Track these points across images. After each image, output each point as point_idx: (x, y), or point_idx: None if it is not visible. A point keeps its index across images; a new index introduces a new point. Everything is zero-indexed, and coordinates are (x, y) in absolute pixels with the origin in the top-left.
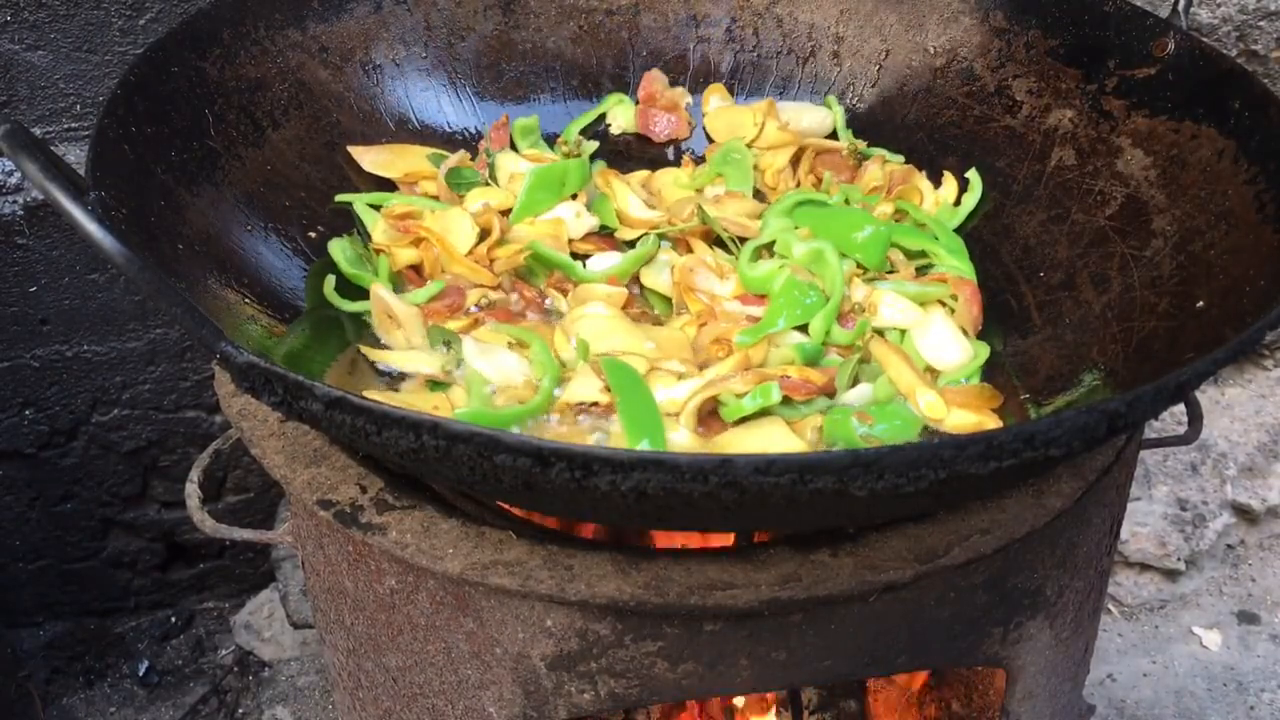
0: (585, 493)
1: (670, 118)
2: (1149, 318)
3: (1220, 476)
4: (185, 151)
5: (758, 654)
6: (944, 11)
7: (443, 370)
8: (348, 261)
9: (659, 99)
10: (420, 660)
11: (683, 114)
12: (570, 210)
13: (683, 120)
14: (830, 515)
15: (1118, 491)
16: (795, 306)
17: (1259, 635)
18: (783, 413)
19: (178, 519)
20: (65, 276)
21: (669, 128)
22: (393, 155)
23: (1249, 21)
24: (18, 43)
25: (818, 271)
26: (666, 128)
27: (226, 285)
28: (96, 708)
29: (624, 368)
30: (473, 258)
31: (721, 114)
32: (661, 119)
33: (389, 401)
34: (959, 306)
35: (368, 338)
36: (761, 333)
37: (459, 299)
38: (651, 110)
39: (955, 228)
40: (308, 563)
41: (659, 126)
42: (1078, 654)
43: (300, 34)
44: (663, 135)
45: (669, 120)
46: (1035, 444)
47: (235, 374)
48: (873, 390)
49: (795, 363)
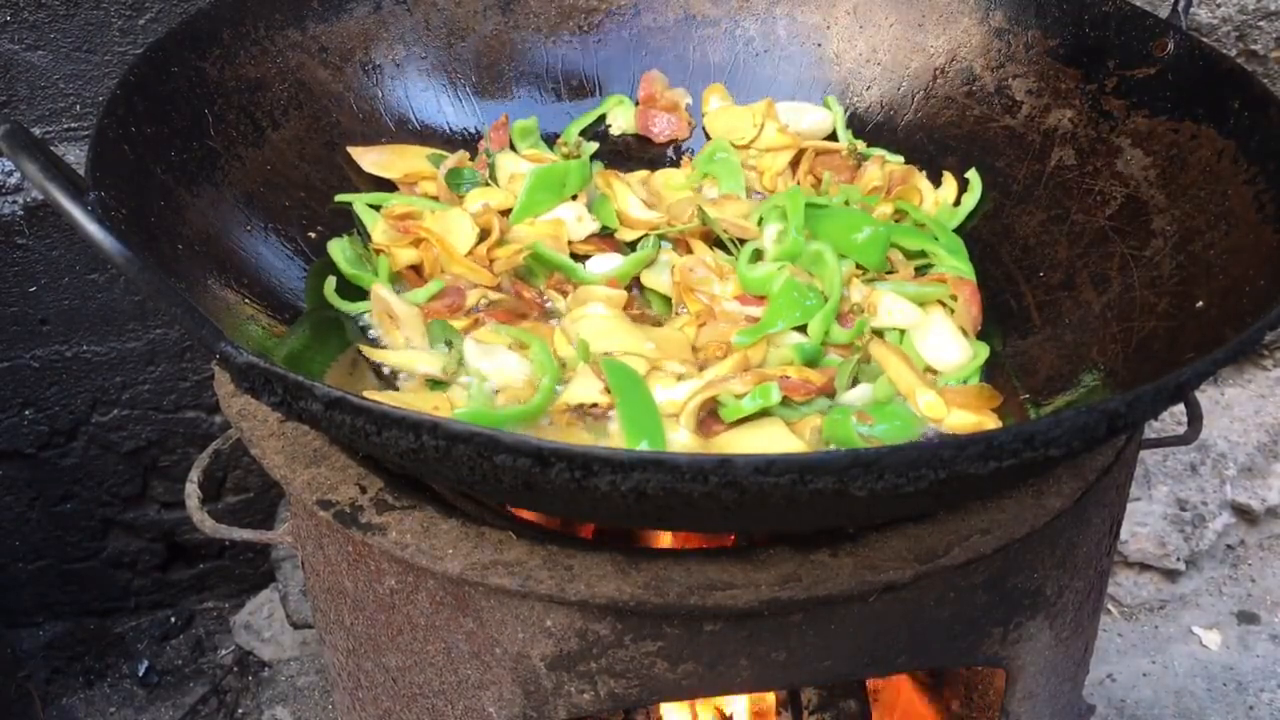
0: (585, 493)
1: (670, 118)
2: (1149, 318)
3: (1220, 477)
4: (185, 151)
5: (758, 654)
6: (944, 11)
7: (444, 370)
8: (347, 262)
9: (659, 99)
10: (420, 660)
11: (683, 114)
12: (571, 212)
13: (683, 120)
14: (830, 515)
15: (1118, 491)
16: (794, 308)
17: (1259, 635)
18: (782, 413)
19: (178, 519)
20: (65, 276)
21: (669, 128)
22: (393, 156)
23: (1249, 21)
24: (18, 43)
25: (817, 272)
26: (667, 128)
27: (226, 285)
28: (96, 708)
29: (624, 368)
30: (472, 258)
31: (721, 114)
32: (661, 119)
33: (389, 401)
34: (958, 307)
35: (368, 338)
36: (760, 333)
37: (459, 299)
38: (651, 111)
39: (955, 228)
40: (307, 563)
41: (659, 127)
42: (1077, 654)
43: (300, 34)
44: (663, 136)
45: (669, 121)
46: (1035, 444)
47: (235, 374)
48: (873, 390)
49: (794, 363)
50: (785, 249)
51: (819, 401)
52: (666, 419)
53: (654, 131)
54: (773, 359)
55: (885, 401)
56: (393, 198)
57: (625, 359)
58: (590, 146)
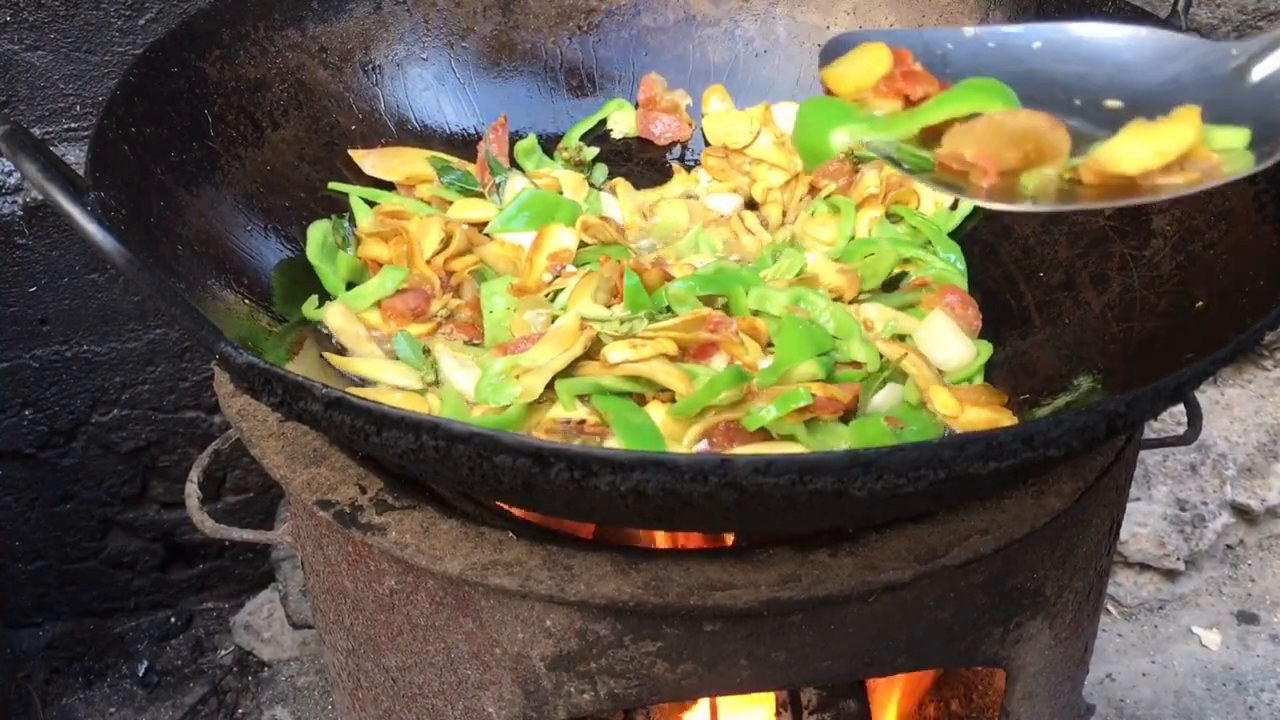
0: (585, 493)
1: (671, 120)
2: (1149, 318)
3: (1220, 477)
4: (185, 152)
5: (758, 654)
6: (944, 11)
7: (422, 380)
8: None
9: (659, 102)
10: (420, 660)
11: (683, 116)
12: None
13: (683, 122)
14: (830, 516)
15: (1117, 491)
16: (806, 339)
17: (1258, 635)
18: (805, 440)
19: (177, 519)
20: (65, 277)
21: (670, 130)
22: (393, 159)
23: (1249, 21)
24: (18, 43)
25: (807, 307)
26: (668, 130)
27: (226, 285)
28: (96, 708)
29: (619, 401)
30: (432, 266)
31: (719, 118)
32: (662, 122)
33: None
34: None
35: (334, 344)
36: (780, 370)
37: (424, 304)
38: (652, 114)
39: (955, 227)
40: (307, 563)
41: (660, 129)
42: (1077, 654)
43: (300, 34)
44: (664, 138)
45: (670, 123)
46: (1035, 444)
47: (234, 374)
48: (902, 393)
49: (818, 379)
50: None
51: (836, 426)
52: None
53: (655, 134)
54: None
55: (916, 406)
56: (389, 196)
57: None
58: (591, 152)
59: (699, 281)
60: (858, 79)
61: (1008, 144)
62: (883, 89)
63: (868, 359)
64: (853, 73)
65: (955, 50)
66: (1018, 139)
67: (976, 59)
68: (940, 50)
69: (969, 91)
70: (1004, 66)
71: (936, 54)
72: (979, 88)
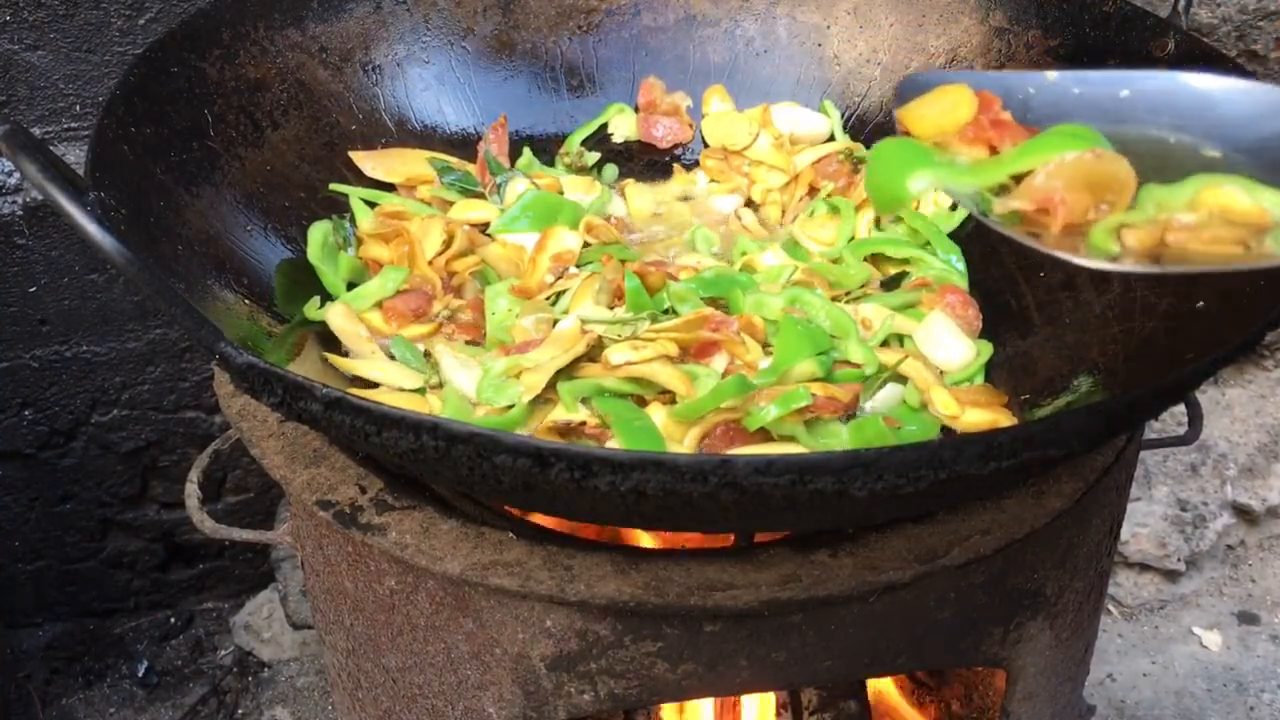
0: (585, 493)
1: (672, 123)
2: (1149, 318)
3: (1220, 477)
4: (185, 152)
5: (758, 654)
6: (944, 11)
7: (425, 382)
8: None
9: (659, 105)
10: (420, 661)
11: (684, 118)
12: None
13: (684, 124)
14: (830, 516)
15: (1118, 492)
16: (804, 339)
17: (1259, 636)
18: (806, 440)
19: (177, 519)
20: (65, 277)
21: (671, 133)
22: (393, 161)
23: (1249, 21)
24: (17, 43)
25: (803, 307)
26: (669, 133)
27: (226, 286)
28: (96, 708)
29: (619, 403)
30: (433, 267)
31: (718, 120)
32: (663, 125)
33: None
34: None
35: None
36: (779, 370)
37: (425, 305)
38: (652, 117)
39: (955, 227)
40: (307, 563)
41: (661, 132)
42: (1078, 654)
43: (300, 34)
44: (665, 141)
45: (671, 125)
46: (1035, 444)
47: (235, 375)
48: (903, 393)
49: (816, 378)
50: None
51: (835, 426)
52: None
53: (656, 137)
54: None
55: (917, 408)
56: (389, 197)
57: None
58: (592, 156)
59: (700, 284)
60: (939, 121)
61: (1098, 185)
62: (969, 135)
63: (865, 361)
64: (933, 114)
65: (1037, 95)
66: (1105, 181)
67: (1060, 105)
68: (1021, 94)
69: (1061, 139)
70: (1090, 114)
71: (1018, 98)
72: (1071, 134)
